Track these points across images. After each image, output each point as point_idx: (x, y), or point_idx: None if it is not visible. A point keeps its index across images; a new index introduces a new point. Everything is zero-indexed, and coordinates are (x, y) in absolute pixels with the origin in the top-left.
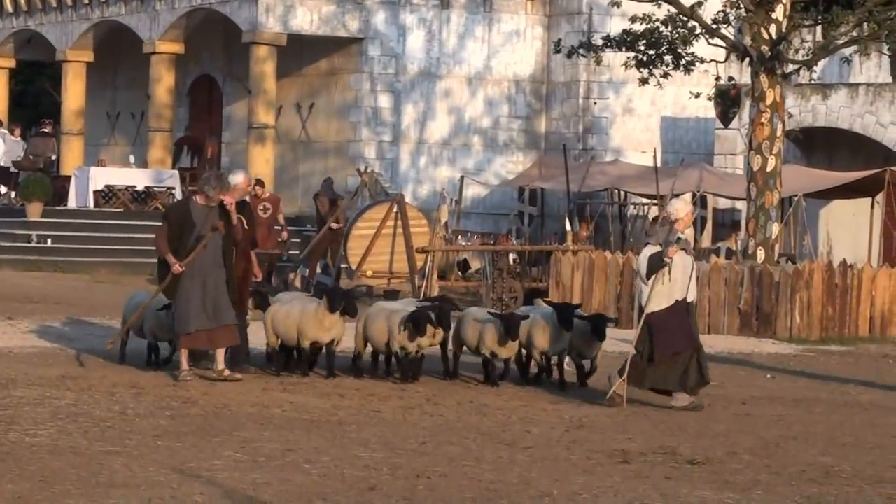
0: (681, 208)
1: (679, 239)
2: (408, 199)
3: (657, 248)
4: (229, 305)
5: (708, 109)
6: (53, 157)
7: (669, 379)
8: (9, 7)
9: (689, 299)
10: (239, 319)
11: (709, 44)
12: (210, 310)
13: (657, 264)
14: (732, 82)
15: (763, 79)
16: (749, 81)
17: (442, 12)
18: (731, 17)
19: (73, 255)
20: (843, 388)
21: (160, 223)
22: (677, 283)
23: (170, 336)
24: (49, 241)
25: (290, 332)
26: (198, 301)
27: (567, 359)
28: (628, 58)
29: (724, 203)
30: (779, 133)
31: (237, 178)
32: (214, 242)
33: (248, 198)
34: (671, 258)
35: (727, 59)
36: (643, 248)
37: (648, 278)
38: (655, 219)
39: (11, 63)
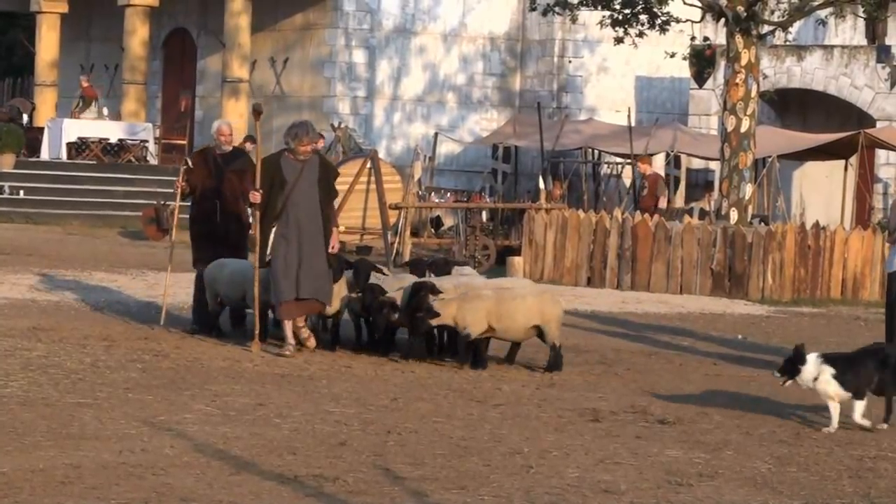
0: None
1: None
2: (381, 155)
3: None
4: (327, 277)
5: (683, 69)
6: (25, 117)
7: None
8: None
9: None
10: None
11: (684, 3)
12: (306, 279)
13: None
14: (707, 42)
15: (738, 39)
16: (724, 42)
17: None
18: None
19: (46, 206)
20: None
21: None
22: None
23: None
24: (21, 192)
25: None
26: (294, 268)
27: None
28: (603, 16)
29: (697, 163)
30: (753, 94)
31: (213, 127)
32: (310, 201)
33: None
34: None
35: (702, 19)
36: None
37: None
38: None
39: None
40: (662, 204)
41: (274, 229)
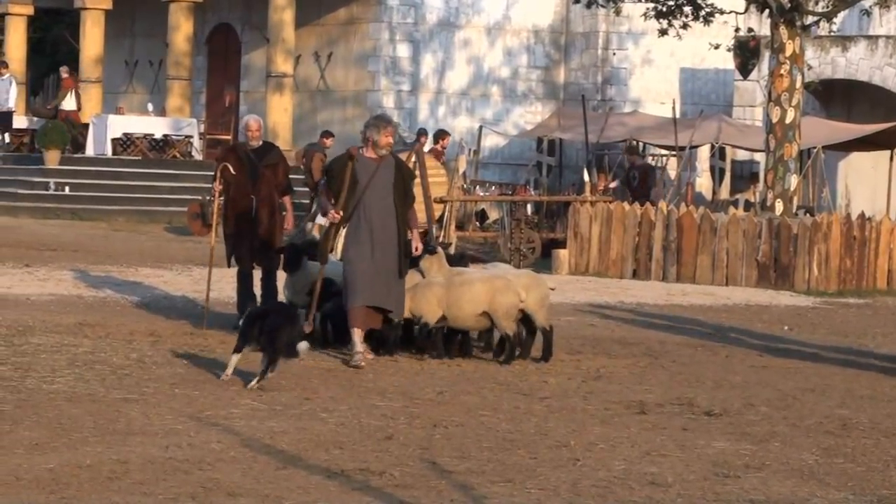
0: None
1: None
2: (427, 149)
3: None
4: (399, 286)
5: (727, 61)
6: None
7: None
8: None
9: None
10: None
11: None
12: (377, 287)
13: None
14: (752, 34)
15: (782, 30)
16: (768, 33)
17: None
18: None
19: (91, 202)
20: (861, 340)
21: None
22: None
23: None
24: (67, 188)
25: None
26: (368, 272)
27: None
28: (647, 8)
29: (742, 155)
30: (798, 85)
31: (241, 122)
32: (384, 204)
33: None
34: None
35: (747, 10)
36: None
37: None
38: None
39: (30, 10)
40: (654, 194)
41: (344, 231)
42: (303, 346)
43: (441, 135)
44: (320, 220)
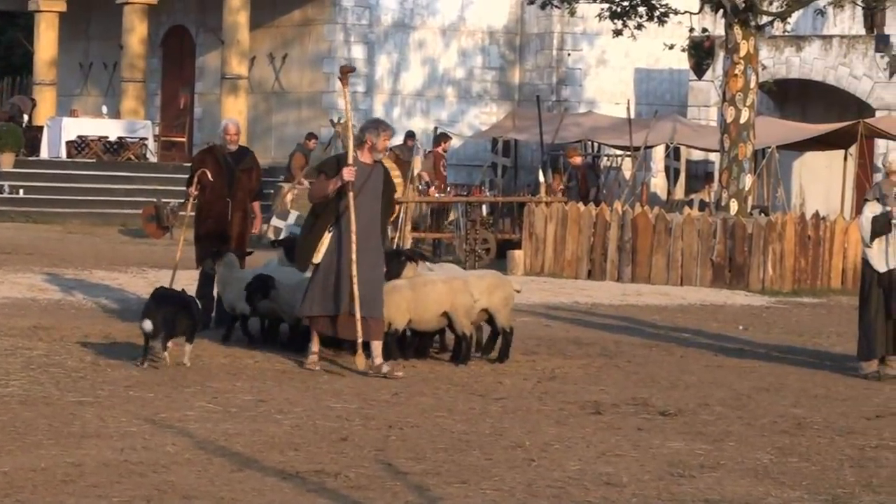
0: (893, 160)
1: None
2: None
3: (876, 205)
4: (381, 293)
5: (682, 61)
6: (25, 116)
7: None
8: None
9: None
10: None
11: None
12: (362, 295)
13: (883, 228)
14: (706, 34)
15: (737, 30)
16: (723, 33)
17: None
18: None
19: (46, 205)
20: (815, 339)
21: (315, 179)
22: None
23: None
24: (21, 191)
25: None
26: (346, 281)
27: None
28: (602, 9)
29: (697, 155)
30: (752, 85)
31: (221, 126)
32: (370, 209)
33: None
34: None
35: (701, 10)
36: (863, 205)
37: (872, 241)
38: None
39: None
40: (593, 194)
41: (328, 235)
42: (146, 324)
43: (443, 138)
44: (275, 221)
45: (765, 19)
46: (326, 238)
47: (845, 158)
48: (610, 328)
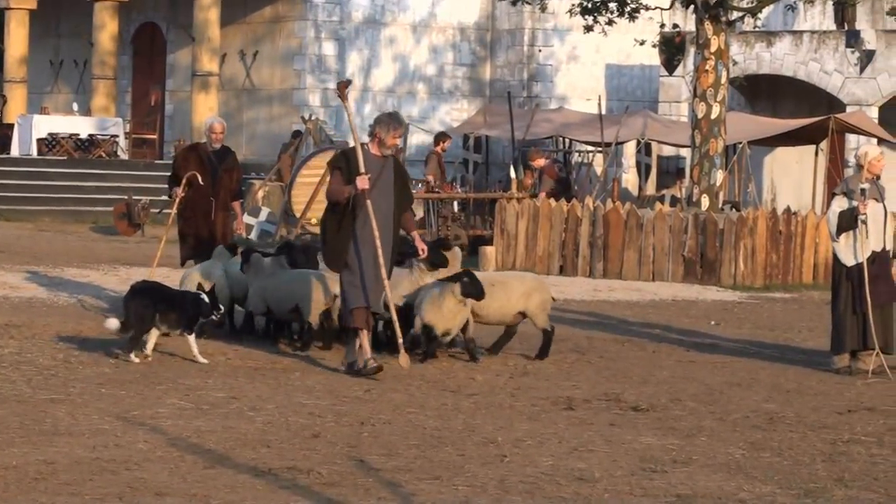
0: (868, 153)
1: (863, 190)
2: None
3: (843, 200)
4: (382, 289)
5: (652, 57)
6: None
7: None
8: None
9: (888, 248)
10: None
11: None
12: (376, 288)
13: (849, 223)
14: (677, 30)
15: (707, 26)
16: (693, 29)
17: None
18: None
19: (16, 203)
20: (787, 334)
21: (332, 173)
22: (872, 234)
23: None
24: None
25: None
26: (371, 273)
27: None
28: (573, 5)
29: (668, 150)
30: (723, 80)
31: (205, 124)
32: (385, 204)
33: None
34: (865, 213)
35: (672, 6)
36: (831, 199)
37: (839, 236)
38: None
39: None
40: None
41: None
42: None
43: (442, 137)
44: (247, 218)
45: (735, 15)
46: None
47: (816, 154)
48: (582, 324)
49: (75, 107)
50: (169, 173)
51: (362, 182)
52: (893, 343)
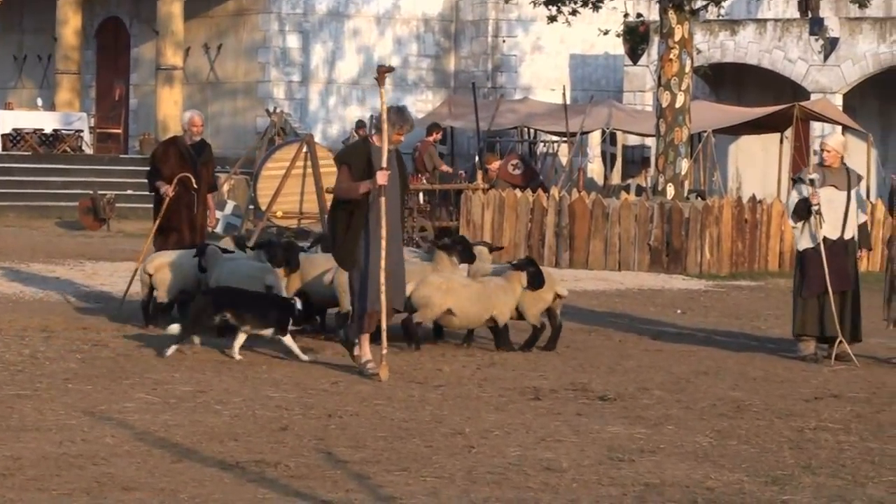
0: (826, 143)
1: (812, 180)
2: (317, 139)
3: (802, 187)
4: (404, 289)
5: (616, 46)
6: None
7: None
8: None
9: (846, 237)
10: None
11: None
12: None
13: (804, 213)
14: (641, 19)
15: (671, 15)
16: (657, 18)
17: None
18: None
19: None
20: (753, 322)
21: (339, 168)
22: (826, 222)
23: None
24: None
25: None
26: (390, 272)
27: None
28: None
29: (633, 140)
30: (687, 69)
31: (184, 118)
32: (394, 198)
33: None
34: (817, 203)
35: None
36: (792, 185)
37: (795, 223)
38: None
39: None
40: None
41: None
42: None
43: (434, 128)
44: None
45: (699, 3)
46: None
47: (781, 142)
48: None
49: (39, 102)
50: (138, 167)
51: (383, 177)
52: (858, 331)
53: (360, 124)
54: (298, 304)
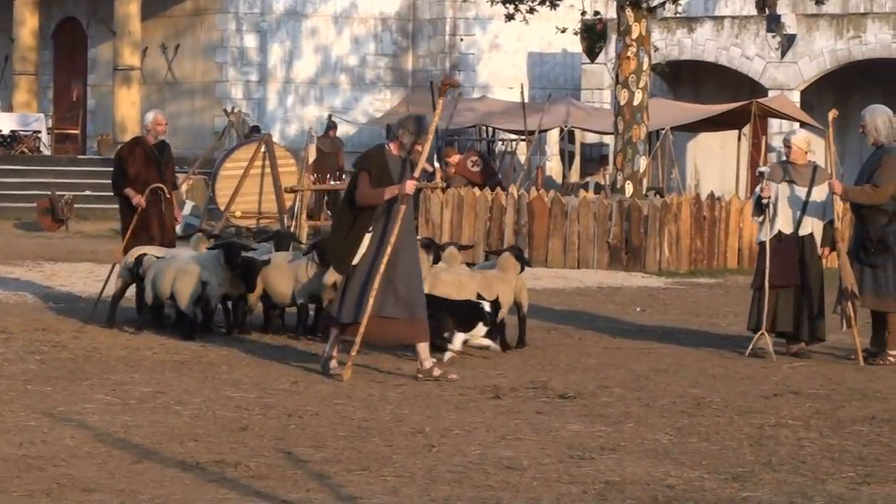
0: (791, 139)
1: (761, 173)
2: (276, 139)
3: (763, 182)
4: (423, 294)
5: (574, 44)
6: None
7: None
8: None
9: (801, 233)
10: None
11: None
12: (403, 296)
13: (758, 207)
14: (598, 17)
15: (629, 13)
16: (615, 15)
17: None
18: None
19: None
20: (713, 320)
21: (358, 174)
22: (779, 216)
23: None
24: None
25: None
26: (385, 282)
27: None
28: None
29: (591, 138)
30: (645, 67)
31: (147, 118)
32: (409, 205)
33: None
34: (767, 196)
35: None
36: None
37: (754, 217)
38: None
39: None
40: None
41: (368, 236)
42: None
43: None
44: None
45: (656, 1)
46: (366, 240)
47: (739, 138)
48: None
49: None
50: (96, 168)
51: (411, 186)
52: (818, 330)
53: (331, 125)
54: (487, 307)
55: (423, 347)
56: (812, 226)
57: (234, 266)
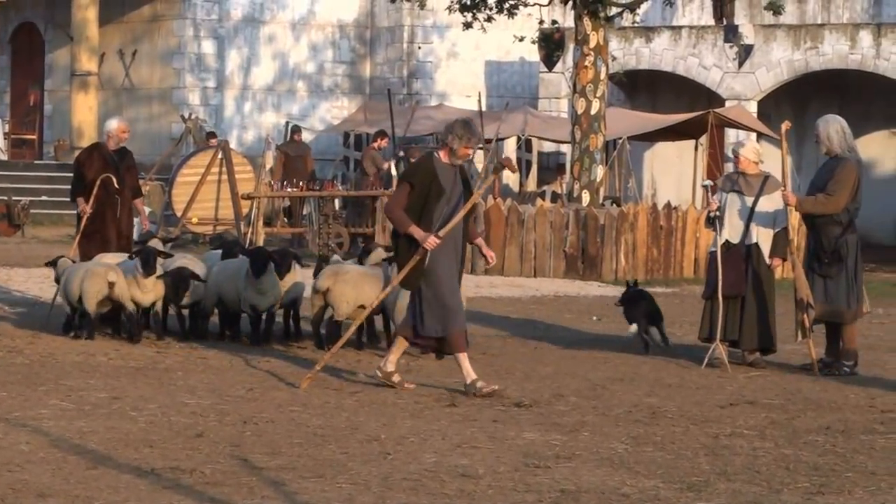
0: (738, 150)
1: (705, 186)
2: (233, 145)
3: (720, 193)
4: (462, 304)
5: (532, 53)
6: None
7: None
8: None
9: (747, 242)
10: None
11: None
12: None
13: (709, 219)
14: (556, 26)
15: (586, 22)
16: (573, 25)
17: None
18: None
19: None
20: (669, 329)
21: (400, 184)
22: (727, 226)
23: None
24: None
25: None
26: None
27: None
28: (452, 1)
29: (548, 146)
30: (602, 76)
31: (111, 125)
32: (456, 228)
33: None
34: (714, 210)
35: (550, 2)
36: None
37: (706, 226)
38: None
39: None
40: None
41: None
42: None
43: (380, 135)
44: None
45: (614, 10)
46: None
47: (696, 148)
48: None
49: None
50: (53, 173)
51: (432, 243)
52: (768, 340)
53: (295, 129)
54: None
55: (464, 358)
56: (758, 235)
57: (147, 270)
